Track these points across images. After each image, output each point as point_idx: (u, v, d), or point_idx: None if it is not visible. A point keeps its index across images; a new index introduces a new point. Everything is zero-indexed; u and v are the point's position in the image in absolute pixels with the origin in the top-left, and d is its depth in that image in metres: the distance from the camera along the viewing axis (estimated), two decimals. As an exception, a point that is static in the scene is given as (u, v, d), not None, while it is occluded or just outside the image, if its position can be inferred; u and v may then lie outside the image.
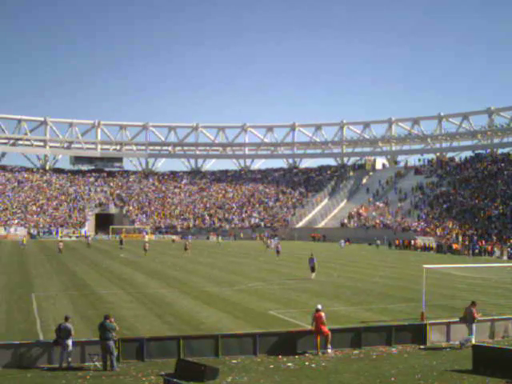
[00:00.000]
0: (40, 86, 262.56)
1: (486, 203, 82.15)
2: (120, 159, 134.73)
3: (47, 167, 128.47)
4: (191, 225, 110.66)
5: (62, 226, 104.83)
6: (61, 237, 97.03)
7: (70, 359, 17.49)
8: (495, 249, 65.78)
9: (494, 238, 69.94)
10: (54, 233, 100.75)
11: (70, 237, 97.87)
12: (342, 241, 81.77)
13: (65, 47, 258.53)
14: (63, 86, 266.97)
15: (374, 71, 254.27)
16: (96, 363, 17.47)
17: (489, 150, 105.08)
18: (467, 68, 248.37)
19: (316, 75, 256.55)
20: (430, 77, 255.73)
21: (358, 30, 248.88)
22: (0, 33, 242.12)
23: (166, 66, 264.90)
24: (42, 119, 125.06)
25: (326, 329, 19.55)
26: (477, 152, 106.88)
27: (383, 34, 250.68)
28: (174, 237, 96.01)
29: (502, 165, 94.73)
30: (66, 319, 18.06)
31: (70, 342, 17.50)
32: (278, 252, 58.54)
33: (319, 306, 20.19)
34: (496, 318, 22.43)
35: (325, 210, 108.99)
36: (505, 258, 62.83)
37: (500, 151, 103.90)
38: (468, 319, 20.58)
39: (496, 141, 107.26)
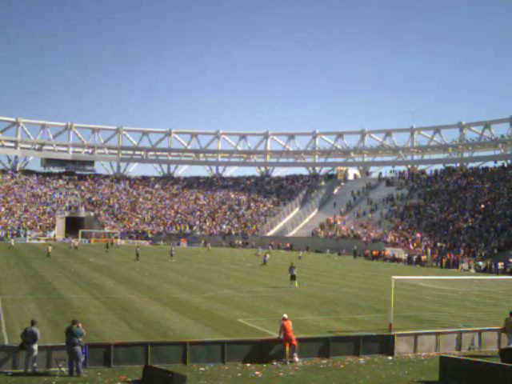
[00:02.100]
0: (12, 86, 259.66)
1: (456, 216, 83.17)
2: (92, 163, 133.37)
3: (17, 168, 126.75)
4: (162, 230, 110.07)
5: (31, 228, 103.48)
6: (30, 239, 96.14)
7: (35, 364, 17.26)
8: (463, 261, 66.48)
9: (462, 250, 70.72)
10: (22, 235, 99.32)
11: (39, 239, 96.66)
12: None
13: (38, 48, 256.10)
14: (36, 87, 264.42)
15: (347, 82, 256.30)
16: (62, 368, 17.25)
17: (459, 164, 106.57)
18: (439, 82, 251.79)
19: (290, 84, 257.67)
20: (402, 90, 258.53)
21: (330, 39, 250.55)
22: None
23: (140, 71, 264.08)
24: (14, 120, 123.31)
25: (293, 337, 19.63)
26: (447, 165, 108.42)
27: (354, 45, 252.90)
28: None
29: (472, 179, 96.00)
30: (33, 323, 17.83)
31: (35, 346, 17.26)
32: (264, 262, 59.11)
33: (285, 316, 20.35)
34: (463, 329, 22.66)
35: (296, 219, 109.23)
36: (472, 270, 63.57)
37: (470, 165, 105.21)
38: (508, 329, 21.18)
39: (466, 155, 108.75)
